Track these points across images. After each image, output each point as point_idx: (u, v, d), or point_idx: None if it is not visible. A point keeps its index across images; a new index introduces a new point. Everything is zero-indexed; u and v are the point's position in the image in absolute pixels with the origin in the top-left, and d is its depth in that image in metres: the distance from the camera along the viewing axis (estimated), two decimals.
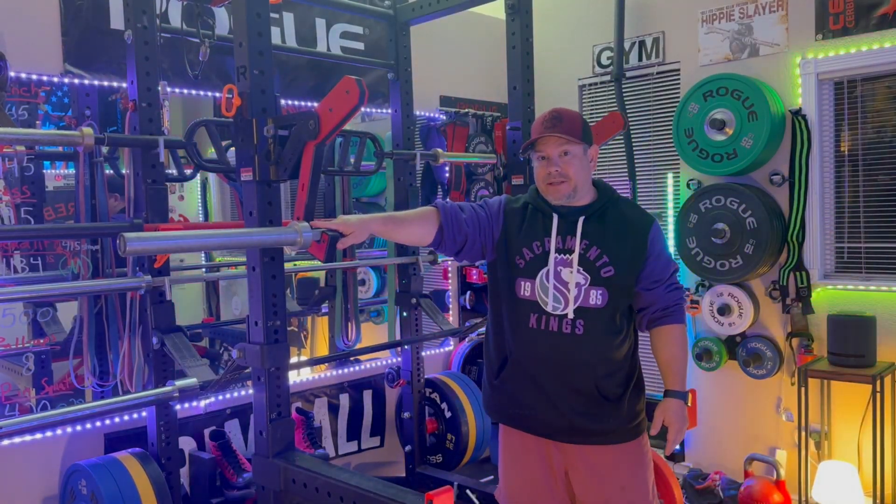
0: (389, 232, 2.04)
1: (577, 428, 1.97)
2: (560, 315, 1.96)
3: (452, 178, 4.08)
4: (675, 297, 2.03)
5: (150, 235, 1.87)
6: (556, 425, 1.99)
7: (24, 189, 2.74)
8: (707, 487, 3.59)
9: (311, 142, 2.02)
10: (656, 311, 2.02)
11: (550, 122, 1.97)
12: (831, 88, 3.57)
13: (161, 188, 2.59)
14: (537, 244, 2.01)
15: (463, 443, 3.65)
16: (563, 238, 1.99)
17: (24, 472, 2.65)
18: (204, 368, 2.49)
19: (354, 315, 3.64)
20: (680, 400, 2.00)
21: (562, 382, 1.97)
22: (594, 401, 1.97)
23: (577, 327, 1.94)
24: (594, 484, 2.00)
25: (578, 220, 1.98)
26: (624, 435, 2.00)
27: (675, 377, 2.02)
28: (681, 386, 2.02)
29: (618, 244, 1.97)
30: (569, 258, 1.96)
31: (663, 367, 2.04)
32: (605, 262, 1.95)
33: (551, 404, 1.98)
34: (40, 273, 2.79)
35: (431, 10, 3.38)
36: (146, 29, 2.55)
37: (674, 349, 2.03)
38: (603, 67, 4.33)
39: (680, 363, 2.03)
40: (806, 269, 3.53)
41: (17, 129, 2.33)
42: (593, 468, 1.99)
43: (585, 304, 1.95)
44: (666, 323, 2.03)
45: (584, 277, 1.95)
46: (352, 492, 1.93)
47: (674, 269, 2.04)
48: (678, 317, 2.04)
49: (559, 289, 1.96)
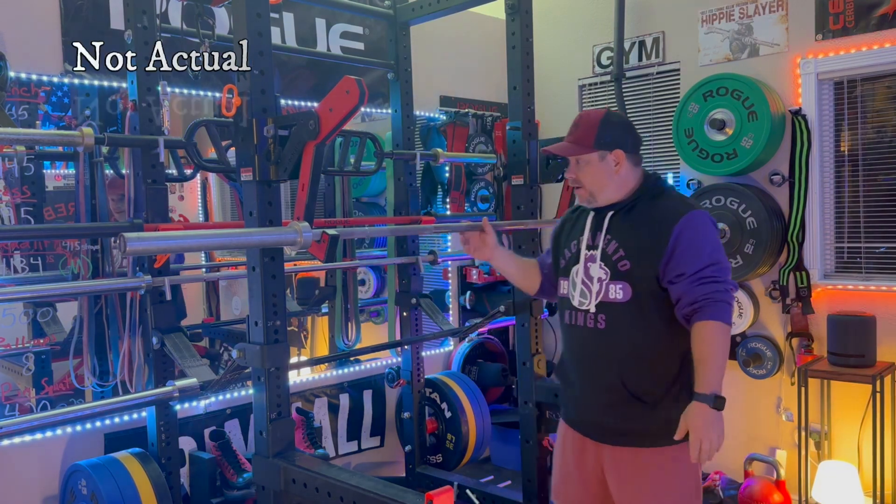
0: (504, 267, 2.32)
1: (608, 427, 1.97)
2: (585, 310, 1.99)
3: (452, 178, 4.08)
4: (703, 290, 1.85)
5: (150, 235, 1.87)
6: (587, 422, 2.03)
7: (24, 189, 2.74)
8: (707, 487, 3.59)
9: (311, 142, 2.02)
10: (685, 306, 1.88)
11: (569, 131, 2.05)
12: (831, 88, 3.57)
13: (161, 188, 2.59)
14: (574, 243, 2.09)
15: (463, 443, 3.65)
16: (592, 235, 2.04)
17: (24, 472, 2.65)
18: (204, 368, 2.49)
19: (354, 315, 3.64)
20: (701, 403, 1.81)
21: (589, 378, 2.00)
22: (622, 398, 1.93)
23: (599, 321, 1.96)
24: (627, 486, 1.97)
25: (607, 216, 2.03)
26: (659, 439, 1.91)
27: (701, 378, 1.84)
28: (706, 388, 1.82)
29: (636, 237, 1.95)
30: (595, 254, 2.01)
31: (695, 366, 1.88)
32: (621, 255, 1.96)
33: (582, 400, 2.03)
34: (40, 273, 2.78)
35: (431, 10, 3.38)
36: (146, 29, 2.55)
37: (700, 347, 1.85)
38: (603, 67, 4.33)
39: (708, 363, 1.84)
40: (806, 269, 3.53)
41: (17, 129, 2.32)
42: (628, 470, 1.96)
43: (606, 298, 1.96)
44: (697, 319, 1.85)
45: (605, 272, 1.97)
46: (352, 492, 1.93)
47: (709, 263, 1.87)
48: (708, 312, 1.84)
49: (586, 284, 2.01)
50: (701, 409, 1.82)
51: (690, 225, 1.90)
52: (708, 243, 1.90)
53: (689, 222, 1.90)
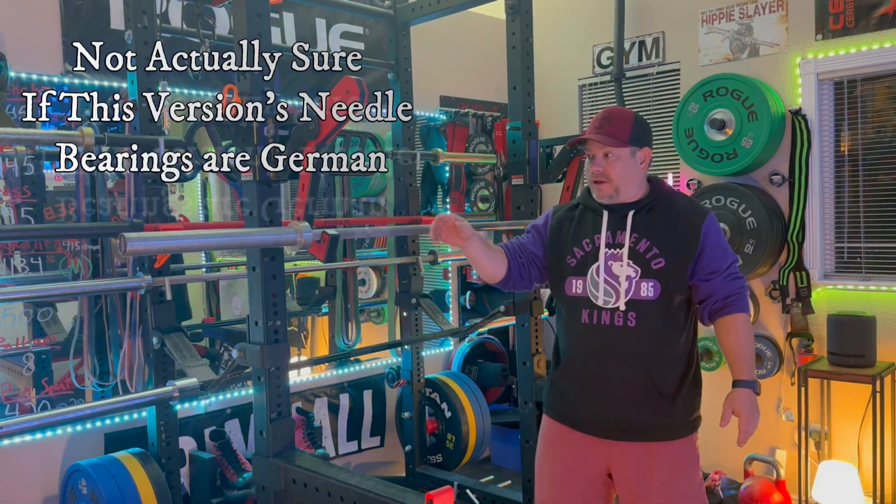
0: (475, 255, 2.10)
1: (629, 423, 1.98)
2: (612, 308, 1.98)
3: (453, 178, 4.08)
4: (735, 286, 1.98)
5: (150, 235, 1.87)
6: (607, 421, 2.00)
7: (24, 189, 2.74)
8: (707, 487, 3.59)
9: (311, 142, 2.02)
10: (717, 301, 1.98)
11: (599, 124, 2.02)
12: (831, 88, 3.57)
13: (161, 188, 2.59)
14: (587, 242, 2.05)
15: (463, 443, 3.65)
16: (612, 233, 2.02)
17: (24, 472, 2.65)
18: (204, 368, 2.49)
19: (354, 315, 3.64)
20: (749, 389, 1.95)
21: (616, 376, 1.99)
22: (649, 395, 1.97)
23: (629, 319, 1.96)
24: (636, 481, 1.99)
25: (628, 215, 2.01)
26: (675, 431, 1.99)
27: (742, 366, 1.96)
28: (749, 375, 1.96)
29: (668, 236, 1.98)
30: (619, 252, 1.99)
31: (730, 357, 2.00)
32: (656, 253, 1.96)
33: (605, 400, 2.00)
34: (40, 273, 2.78)
35: (431, 10, 3.38)
36: (146, 29, 2.55)
37: (738, 338, 1.97)
38: (603, 67, 4.33)
39: (747, 352, 1.98)
40: (806, 269, 3.53)
41: (17, 129, 2.32)
42: (639, 464, 1.99)
43: (637, 296, 1.96)
44: (729, 313, 1.97)
45: (634, 270, 1.97)
46: (352, 492, 1.93)
47: (733, 261, 2.01)
48: (740, 306, 1.98)
49: (609, 282, 1.99)
50: (748, 394, 1.94)
51: (714, 224, 2.01)
52: (726, 242, 2.04)
53: (713, 222, 2.01)
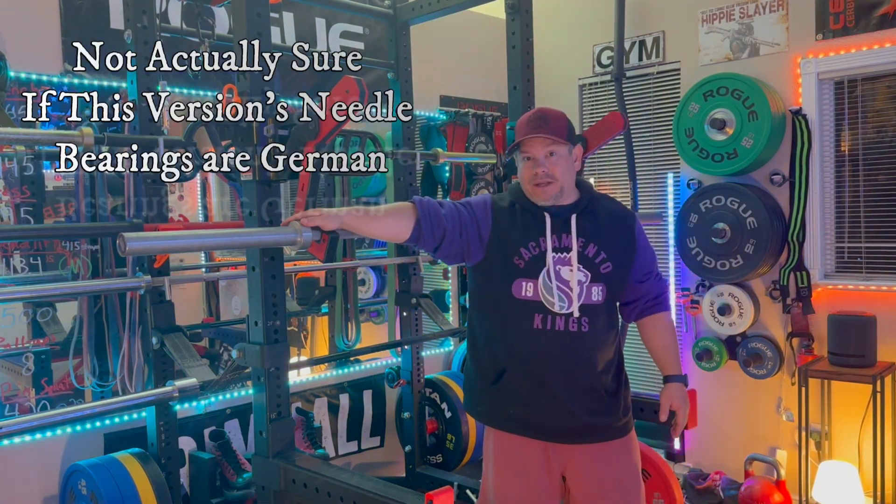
0: (362, 225, 1.95)
1: (587, 427, 1.97)
2: (566, 314, 1.94)
3: (453, 177, 4.08)
4: (662, 285, 2.12)
5: (150, 235, 1.87)
6: (563, 427, 1.96)
7: (24, 189, 2.74)
8: (707, 487, 3.59)
9: (311, 142, 2.02)
10: (648, 300, 2.09)
11: (536, 123, 1.94)
12: (831, 88, 3.57)
13: (161, 188, 2.59)
14: (533, 244, 1.96)
15: (463, 443, 3.65)
16: (558, 237, 1.96)
17: (24, 472, 2.65)
18: (204, 368, 2.49)
19: (354, 315, 3.64)
20: (681, 383, 2.11)
21: (571, 382, 1.95)
22: (599, 398, 1.98)
23: (583, 325, 1.94)
24: (593, 481, 1.99)
25: (571, 218, 1.97)
26: (622, 430, 2.02)
27: (673, 362, 2.12)
28: (678, 369, 2.12)
29: (612, 240, 1.99)
30: (566, 256, 1.95)
31: (660, 353, 2.13)
32: (604, 258, 1.96)
33: (560, 405, 1.95)
34: (40, 273, 2.78)
35: (431, 10, 3.37)
36: (146, 29, 2.55)
37: (667, 335, 2.12)
38: (603, 67, 4.33)
39: (675, 348, 2.14)
40: (806, 269, 3.53)
41: (17, 129, 2.32)
42: (593, 466, 1.99)
43: (588, 301, 1.95)
44: (657, 311, 2.11)
45: (584, 275, 1.95)
46: (352, 492, 1.93)
47: (656, 259, 2.12)
48: (666, 304, 2.13)
49: (562, 288, 1.94)
50: (680, 388, 2.11)
51: (640, 225, 2.08)
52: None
53: (639, 222, 2.08)
